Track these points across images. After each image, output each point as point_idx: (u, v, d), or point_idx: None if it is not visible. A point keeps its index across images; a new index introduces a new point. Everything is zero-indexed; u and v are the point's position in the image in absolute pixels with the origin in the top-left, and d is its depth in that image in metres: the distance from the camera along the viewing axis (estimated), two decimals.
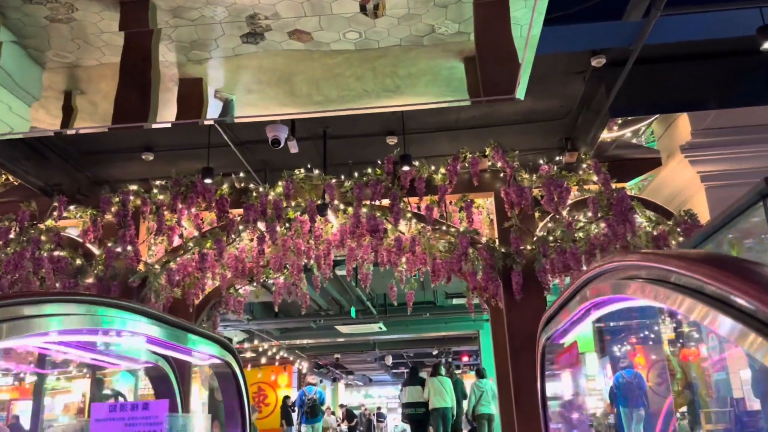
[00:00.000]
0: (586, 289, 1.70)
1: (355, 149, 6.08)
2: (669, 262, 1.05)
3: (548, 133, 5.85)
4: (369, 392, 42.36)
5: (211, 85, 6.98)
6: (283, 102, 7.28)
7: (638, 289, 1.25)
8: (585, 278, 1.69)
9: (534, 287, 5.18)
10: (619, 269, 1.43)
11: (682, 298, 0.97)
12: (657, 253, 1.17)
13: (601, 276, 1.56)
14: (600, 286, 1.61)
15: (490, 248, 5.22)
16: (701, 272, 0.90)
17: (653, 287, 1.13)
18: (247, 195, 5.50)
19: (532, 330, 5.16)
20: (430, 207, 5.38)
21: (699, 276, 0.91)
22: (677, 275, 1.00)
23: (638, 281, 1.25)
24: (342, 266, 7.17)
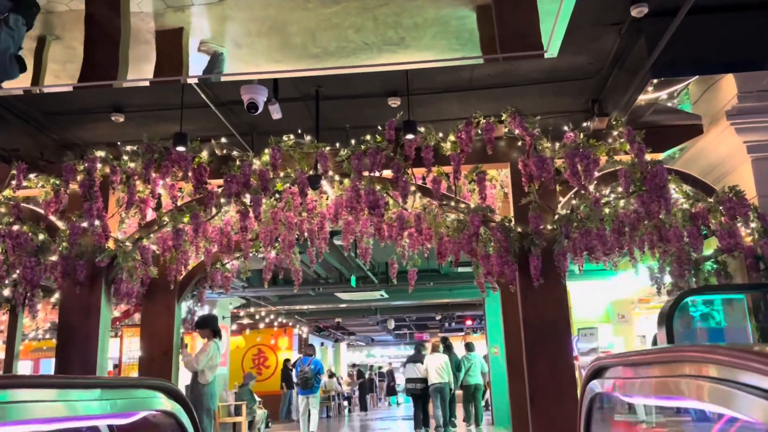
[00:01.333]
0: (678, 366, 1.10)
1: (352, 112, 5.38)
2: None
3: (574, 95, 5.13)
4: (371, 352, 42.49)
5: (194, 37, 6.24)
6: (275, 57, 6.54)
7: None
8: (683, 353, 1.08)
9: (553, 272, 4.56)
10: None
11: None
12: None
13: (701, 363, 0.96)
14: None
15: (505, 228, 4.58)
16: None
17: None
18: (228, 165, 4.84)
19: (550, 320, 4.55)
20: (437, 179, 4.72)
21: None
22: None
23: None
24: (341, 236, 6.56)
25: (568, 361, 4.47)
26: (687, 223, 4.69)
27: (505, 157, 4.92)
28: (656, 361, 1.31)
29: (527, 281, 4.58)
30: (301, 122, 5.47)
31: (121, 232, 5.39)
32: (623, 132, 4.64)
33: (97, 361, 4.83)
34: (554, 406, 4.39)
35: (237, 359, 21.43)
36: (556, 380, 4.43)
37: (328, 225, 5.61)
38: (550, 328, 4.50)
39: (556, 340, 4.48)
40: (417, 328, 30.21)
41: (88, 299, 4.93)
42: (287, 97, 5.16)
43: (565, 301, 4.56)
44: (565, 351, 4.47)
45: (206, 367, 6.40)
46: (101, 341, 4.89)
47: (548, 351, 4.46)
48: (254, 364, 21.70)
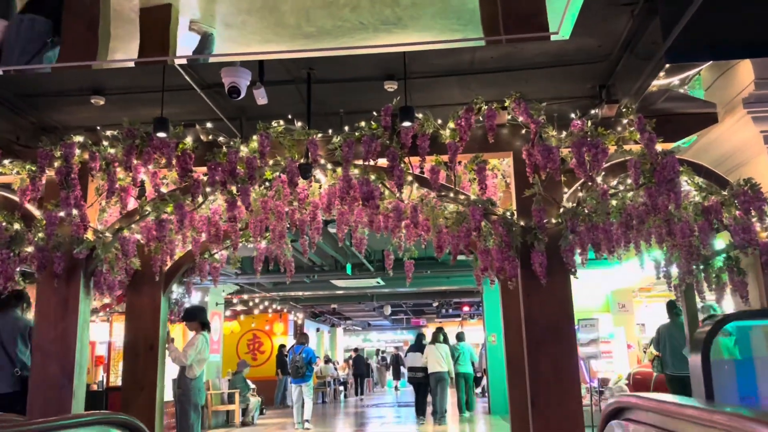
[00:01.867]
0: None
1: (347, 96, 5.10)
2: None
3: (581, 80, 4.86)
4: (368, 337, 42.48)
5: (182, 15, 5.93)
6: (267, 37, 6.23)
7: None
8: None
9: (558, 269, 4.32)
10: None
11: None
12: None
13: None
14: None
15: (506, 222, 4.32)
16: None
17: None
18: (213, 151, 4.56)
19: (554, 320, 4.31)
20: (435, 169, 4.46)
21: None
22: None
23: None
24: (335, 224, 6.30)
25: (572, 362, 4.24)
26: (698, 218, 4.44)
27: (508, 146, 4.65)
28: (697, 421, 1.07)
29: (529, 278, 4.34)
30: (293, 107, 5.19)
31: (103, 222, 5.13)
32: (633, 120, 4.37)
33: (76, 360, 4.59)
34: (557, 409, 4.17)
35: (231, 345, 21.29)
36: (559, 383, 4.21)
37: (321, 215, 5.36)
38: (554, 328, 4.26)
39: (560, 341, 4.25)
40: (414, 314, 30.13)
41: (66, 293, 4.68)
42: (277, 80, 4.87)
43: (570, 300, 4.32)
44: (570, 352, 4.24)
45: (194, 362, 6.17)
46: (80, 338, 4.65)
47: (552, 352, 4.23)
48: (249, 349, 21.57)
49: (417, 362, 12.76)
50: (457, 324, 33.05)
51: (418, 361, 12.72)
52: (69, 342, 4.61)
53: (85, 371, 4.77)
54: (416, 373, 12.74)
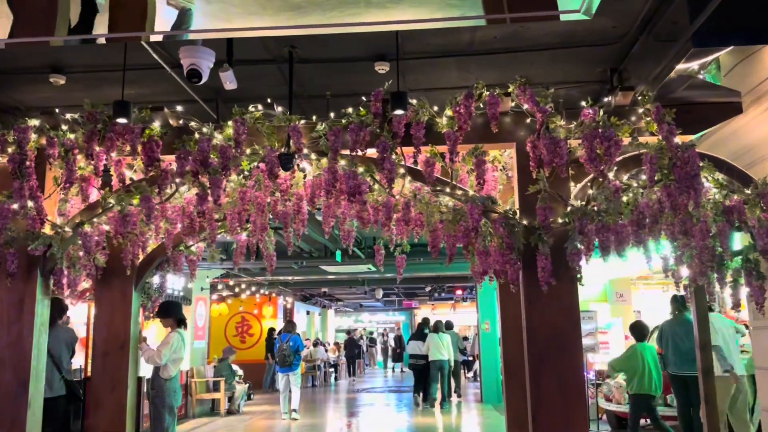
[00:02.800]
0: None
1: (334, 78, 4.66)
2: None
3: (591, 64, 4.44)
4: (360, 318, 42.33)
5: None
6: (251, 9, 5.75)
7: None
8: None
9: (564, 274, 3.92)
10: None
11: None
12: None
13: None
14: None
15: (508, 221, 3.91)
16: None
17: None
18: (183, 139, 4.11)
19: (559, 330, 3.91)
20: (430, 161, 4.03)
21: None
22: None
23: None
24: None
25: (578, 378, 3.87)
26: (718, 218, 4.05)
27: (511, 136, 4.23)
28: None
29: (532, 283, 3.95)
30: (276, 88, 4.74)
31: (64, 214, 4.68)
32: (651, 110, 3.95)
33: (32, 366, 4.19)
34: (562, 428, 3.81)
35: (219, 327, 20.96)
36: (563, 399, 3.84)
37: (306, 207, 4.95)
38: (559, 338, 3.89)
39: (566, 353, 3.87)
40: (406, 296, 29.89)
41: (22, 293, 4.26)
42: (256, 59, 4.42)
43: (576, 308, 3.94)
44: (576, 367, 3.87)
45: (169, 361, 5.78)
46: (36, 343, 4.24)
47: (556, 365, 3.85)
48: (237, 332, 21.26)
49: (418, 350, 13.48)
50: (450, 306, 32.93)
51: (420, 349, 13.45)
52: (24, 347, 4.20)
53: (43, 379, 4.37)
54: (417, 361, 13.42)
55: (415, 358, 13.57)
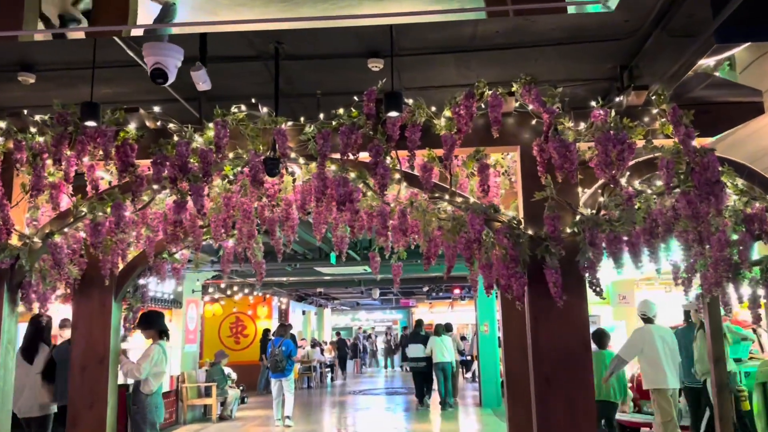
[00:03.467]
0: None
1: (323, 76, 4.36)
2: None
3: (599, 60, 4.15)
4: (357, 316, 42.09)
5: None
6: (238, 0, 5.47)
7: None
8: None
9: (574, 288, 3.64)
10: None
11: None
12: None
13: None
14: None
15: (512, 231, 3.62)
16: None
17: None
18: (159, 142, 3.81)
19: (569, 352, 3.62)
20: (428, 166, 3.75)
21: None
22: None
23: None
24: None
25: (588, 400, 3.59)
26: (738, 227, 3.77)
27: (514, 139, 3.93)
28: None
29: (539, 299, 3.67)
30: (264, 87, 4.44)
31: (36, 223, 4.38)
32: (667, 110, 3.66)
33: None
34: None
35: (213, 328, 20.69)
36: (572, 423, 3.56)
37: (297, 213, 4.67)
38: (569, 359, 3.60)
39: (576, 375, 3.59)
40: (403, 295, 29.65)
41: None
42: (241, 55, 4.13)
43: (587, 327, 3.66)
44: (587, 390, 3.59)
45: (150, 375, 5.49)
46: (3, 362, 3.95)
47: (565, 390, 3.57)
48: (232, 333, 20.99)
49: (419, 353, 13.48)
50: (447, 305, 32.67)
51: (419, 353, 13.47)
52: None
53: (10, 399, 4.08)
54: (418, 363, 13.50)
55: (415, 361, 13.61)
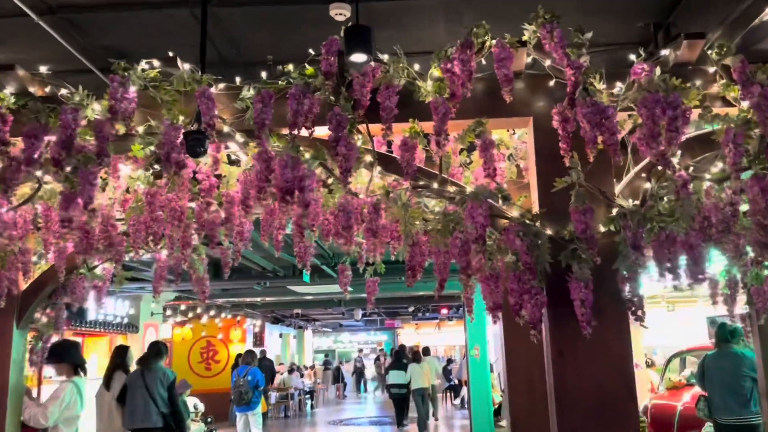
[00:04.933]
0: None
1: (275, 38, 3.41)
2: None
3: (631, 17, 3.24)
4: (339, 338, 40.93)
5: None
6: None
7: None
8: None
9: (610, 309, 2.68)
10: None
11: None
12: None
13: None
14: None
15: (529, 230, 2.64)
16: None
17: None
18: (32, 108, 2.81)
19: (606, 398, 2.48)
20: (410, 144, 2.78)
21: None
22: None
23: None
24: None
25: None
26: None
27: (526, 108, 2.98)
28: None
29: (563, 325, 2.69)
30: (197, 50, 3.48)
31: None
32: (733, 66, 2.74)
33: None
34: None
35: (182, 353, 19.46)
36: None
37: (243, 214, 3.69)
38: (606, 410, 2.62)
39: (617, 428, 2.61)
40: (388, 315, 28.57)
41: None
42: (165, 0, 3.17)
43: (630, 361, 2.69)
44: None
45: (60, 421, 4.41)
46: None
47: None
48: (203, 358, 19.77)
49: (399, 379, 13.75)
50: (434, 326, 31.62)
51: (400, 379, 13.73)
52: None
53: None
54: (400, 390, 13.80)
55: (396, 387, 13.86)
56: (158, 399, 6.17)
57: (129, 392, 6.15)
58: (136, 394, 6.08)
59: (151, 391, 6.14)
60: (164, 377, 6.35)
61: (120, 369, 6.37)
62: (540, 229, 2.64)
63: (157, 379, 6.25)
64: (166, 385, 6.31)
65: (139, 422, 6.04)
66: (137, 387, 6.14)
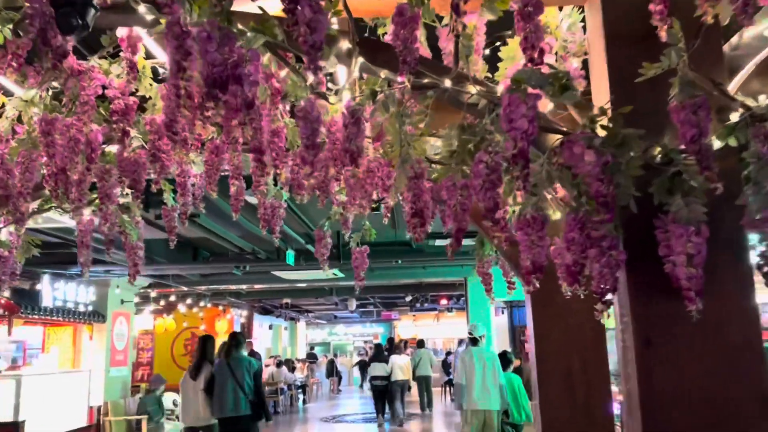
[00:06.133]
0: None
1: None
2: None
3: None
4: (334, 330, 40.12)
5: None
6: None
7: None
8: None
9: (729, 268, 1.70)
10: None
11: None
12: None
13: None
14: None
15: (608, 141, 1.63)
16: None
17: None
18: None
19: (719, 413, 1.61)
20: (408, 15, 1.78)
21: None
22: None
23: None
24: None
25: None
26: None
27: None
28: None
29: (651, 299, 1.72)
30: None
31: None
32: None
33: None
34: None
35: (165, 345, 18.56)
36: None
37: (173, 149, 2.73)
38: (726, 426, 1.65)
39: None
40: (384, 306, 27.63)
41: None
42: None
43: (762, 355, 1.71)
44: None
45: None
46: None
47: None
48: (187, 351, 18.89)
49: (380, 371, 14.63)
50: (433, 317, 30.71)
51: (381, 371, 14.62)
52: None
53: None
54: (381, 382, 14.65)
55: (377, 379, 14.71)
56: (246, 388, 6.55)
57: (217, 383, 6.52)
58: (225, 384, 6.47)
59: (239, 381, 6.51)
60: (250, 366, 6.74)
61: (207, 360, 6.83)
62: (626, 135, 1.63)
63: (244, 368, 6.63)
64: (252, 374, 6.68)
65: (229, 411, 6.40)
66: (226, 377, 6.51)
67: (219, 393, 6.45)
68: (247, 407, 6.51)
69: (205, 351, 6.95)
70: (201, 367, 6.79)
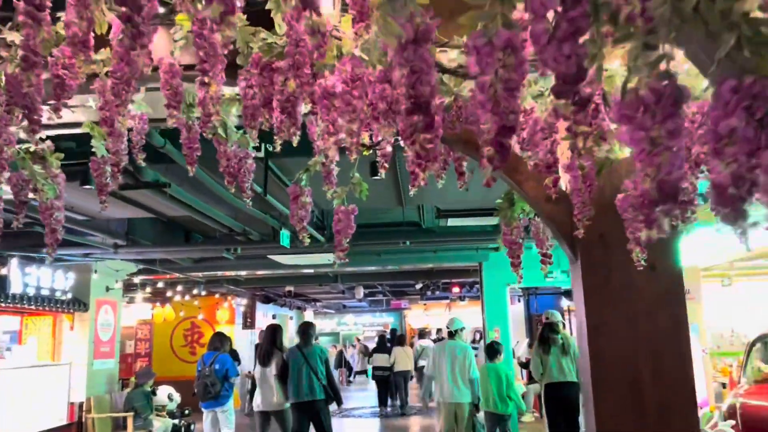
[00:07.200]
0: None
1: None
2: None
3: None
4: (343, 320, 39.44)
5: None
6: None
7: None
8: None
9: None
10: None
11: None
12: None
13: None
14: None
15: None
16: None
17: None
18: None
19: None
20: None
21: None
22: None
23: None
24: None
25: None
26: None
27: None
28: None
29: None
30: None
31: None
32: None
33: None
34: None
35: (164, 335, 17.87)
36: None
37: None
38: None
39: None
40: (394, 295, 26.81)
41: None
42: None
43: None
44: None
45: None
46: None
47: None
48: (186, 341, 18.21)
49: (383, 362, 14.97)
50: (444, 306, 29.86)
51: (383, 362, 14.96)
52: None
53: None
54: (383, 372, 14.97)
55: (379, 369, 15.03)
56: (320, 374, 6.96)
57: (292, 369, 6.88)
58: (301, 371, 6.85)
59: (313, 368, 6.92)
60: (321, 354, 7.23)
61: (277, 347, 7.22)
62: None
63: (317, 356, 7.07)
64: (324, 360, 7.15)
65: (305, 396, 6.79)
66: (300, 364, 6.89)
67: (295, 380, 6.81)
68: (321, 392, 6.88)
69: (274, 339, 7.27)
70: (272, 354, 7.11)
